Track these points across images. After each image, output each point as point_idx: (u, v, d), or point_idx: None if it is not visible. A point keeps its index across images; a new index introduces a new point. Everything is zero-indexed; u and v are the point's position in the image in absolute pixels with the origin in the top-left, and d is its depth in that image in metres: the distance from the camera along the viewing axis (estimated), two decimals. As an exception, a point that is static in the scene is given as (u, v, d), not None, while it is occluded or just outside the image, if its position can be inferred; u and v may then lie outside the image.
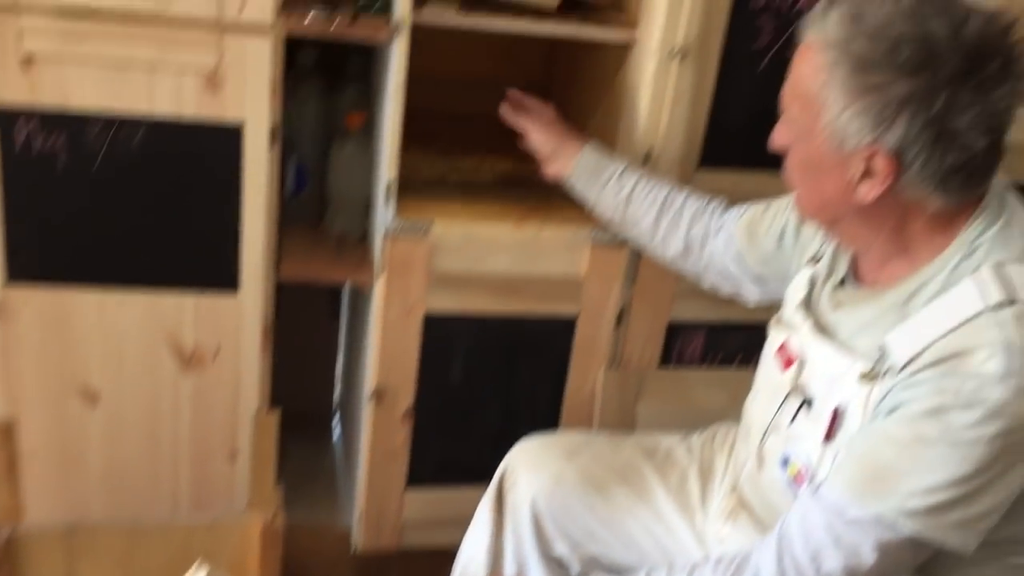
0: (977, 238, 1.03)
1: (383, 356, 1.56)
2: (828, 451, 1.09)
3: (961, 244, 1.04)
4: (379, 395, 1.58)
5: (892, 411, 1.01)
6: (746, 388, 1.32)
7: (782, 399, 1.17)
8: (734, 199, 1.57)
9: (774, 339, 1.23)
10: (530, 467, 1.36)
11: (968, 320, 0.98)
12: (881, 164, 1.00)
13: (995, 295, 0.98)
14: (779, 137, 1.12)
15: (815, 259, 1.23)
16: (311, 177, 1.63)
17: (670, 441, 1.41)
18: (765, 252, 1.35)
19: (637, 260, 1.59)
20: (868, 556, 1.00)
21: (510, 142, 1.87)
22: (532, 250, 1.55)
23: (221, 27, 1.35)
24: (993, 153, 1.01)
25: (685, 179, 1.55)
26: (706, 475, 1.36)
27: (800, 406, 1.14)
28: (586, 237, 1.57)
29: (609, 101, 1.66)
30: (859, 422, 1.06)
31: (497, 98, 1.94)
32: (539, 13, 1.54)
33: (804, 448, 1.13)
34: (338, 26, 1.38)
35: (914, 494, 0.97)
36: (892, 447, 0.99)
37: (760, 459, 1.21)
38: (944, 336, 0.99)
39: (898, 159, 1.00)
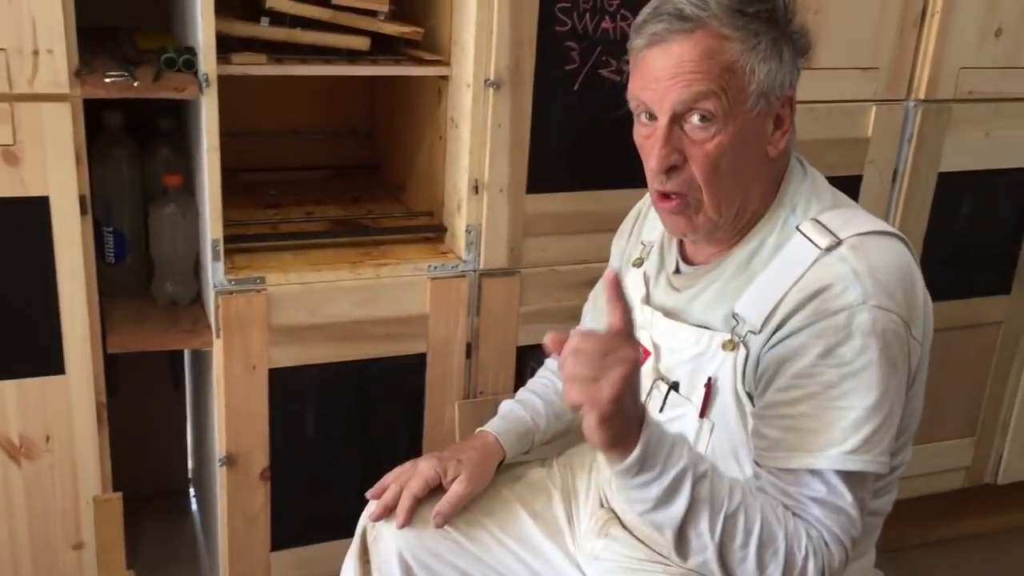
0: (794, 194, 1.13)
1: (231, 418, 1.51)
2: (704, 426, 1.13)
3: (783, 199, 1.13)
4: (231, 459, 1.53)
5: (778, 370, 1.05)
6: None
7: (647, 392, 1.19)
8: (564, 221, 1.61)
9: None
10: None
11: (810, 266, 1.06)
12: (788, 106, 1.10)
13: (824, 241, 1.07)
14: (672, 153, 1.08)
15: (639, 261, 1.27)
16: (133, 244, 1.57)
17: (530, 467, 1.41)
18: None
19: (479, 290, 1.60)
20: (850, 510, 1.03)
21: (339, 188, 1.87)
22: (372, 292, 1.54)
23: (13, 98, 1.28)
24: None
25: (516, 206, 1.57)
26: (569, 496, 1.36)
27: (668, 392, 1.17)
28: (424, 273, 1.56)
29: (433, 136, 1.67)
30: (731, 389, 1.10)
31: (322, 145, 1.94)
32: (352, 55, 1.54)
33: (678, 431, 1.14)
34: (141, 86, 1.34)
35: (847, 435, 1.01)
36: (806, 406, 1.03)
37: None
38: (793, 286, 1.06)
39: (794, 96, 1.11)
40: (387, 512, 1.26)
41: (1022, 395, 2.09)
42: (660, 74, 1.06)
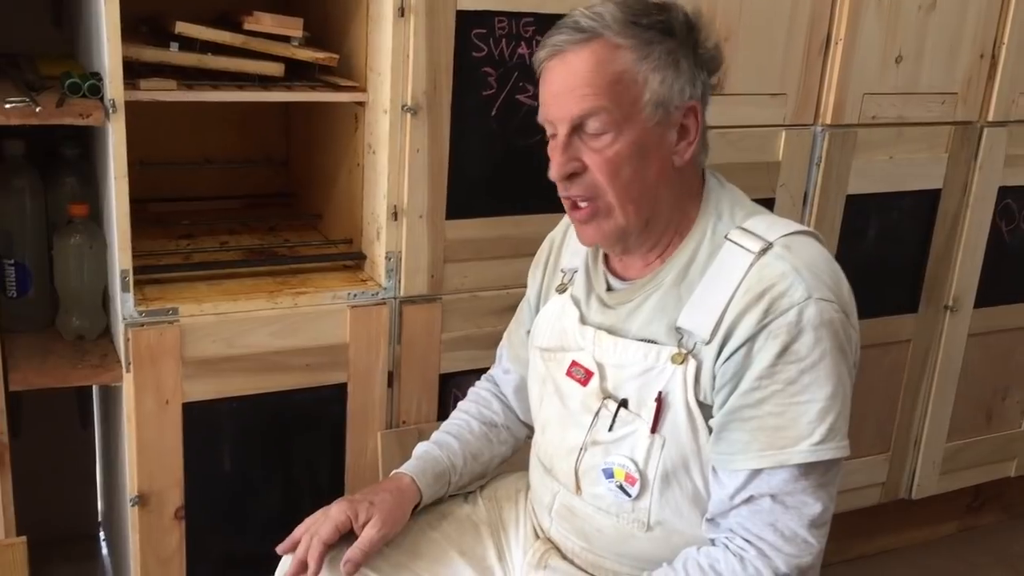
0: (718, 203, 1.16)
1: (143, 456, 1.45)
2: (656, 441, 1.13)
3: (707, 209, 1.16)
4: (143, 498, 1.47)
5: (739, 376, 1.07)
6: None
7: (595, 412, 1.18)
8: (484, 246, 1.61)
9: (554, 368, 1.24)
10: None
11: (748, 270, 1.09)
12: (693, 117, 1.13)
13: (755, 245, 1.11)
14: (570, 161, 1.12)
15: (561, 288, 1.27)
16: (36, 276, 1.51)
17: (454, 504, 1.36)
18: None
19: (400, 317, 1.58)
20: (813, 502, 1.07)
21: (254, 217, 1.83)
22: (290, 322, 1.50)
23: (-95, 124, 1.23)
24: None
25: (436, 232, 1.56)
26: (498, 530, 1.33)
27: (617, 410, 1.16)
28: (344, 301, 1.54)
29: (350, 163, 1.65)
30: (682, 402, 1.11)
31: (236, 174, 1.90)
32: (265, 81, 1.52)
33: (627, 449, 1.15)
34: (43, 112, 1.29)
35: (814, 427, 1.05)
36: (771, 405, 1.06)
37: (577, 483, 1.21)
38: (736, 291, 1.08)
39: (702, 107, 1.14)
40: (303, 568, 1.20)
41: (932, 411, 2.16)
42: (557, 88, 1.12)
